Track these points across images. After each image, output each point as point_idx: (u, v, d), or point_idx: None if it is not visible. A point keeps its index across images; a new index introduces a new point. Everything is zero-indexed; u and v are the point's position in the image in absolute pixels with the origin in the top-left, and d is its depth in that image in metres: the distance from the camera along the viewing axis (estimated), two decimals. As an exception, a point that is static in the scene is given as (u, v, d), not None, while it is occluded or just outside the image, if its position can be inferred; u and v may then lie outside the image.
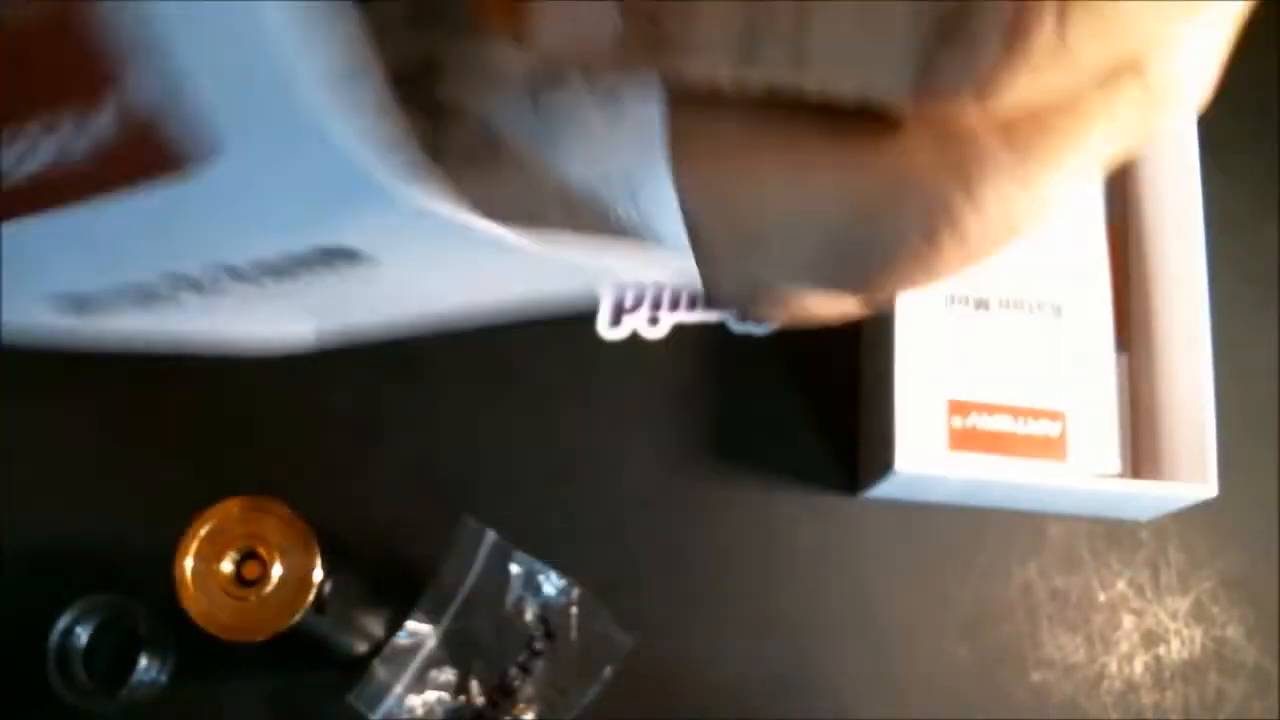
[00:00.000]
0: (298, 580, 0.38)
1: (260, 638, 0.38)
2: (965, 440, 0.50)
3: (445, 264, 0.16)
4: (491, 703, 0.47)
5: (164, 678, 0.48)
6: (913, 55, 0.13)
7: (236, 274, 0.16)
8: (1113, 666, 0.50)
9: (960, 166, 0.15)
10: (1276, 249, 0.56)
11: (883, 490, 0.50)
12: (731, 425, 0.52)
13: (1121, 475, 0.50)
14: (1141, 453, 0.51)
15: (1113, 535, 0.52)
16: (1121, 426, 0.51)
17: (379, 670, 0.46)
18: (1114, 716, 0.49)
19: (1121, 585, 0.51)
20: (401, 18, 0.15)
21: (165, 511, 0.40)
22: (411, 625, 0.47)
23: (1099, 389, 0.51)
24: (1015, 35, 0.13)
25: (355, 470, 0.51)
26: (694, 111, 0.15)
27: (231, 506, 0.39)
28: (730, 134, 0.15)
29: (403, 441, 0.52)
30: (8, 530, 0.50)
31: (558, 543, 0.49)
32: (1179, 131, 0.50)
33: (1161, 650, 0.50)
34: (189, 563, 0.38)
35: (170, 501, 0.40)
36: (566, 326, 0.54)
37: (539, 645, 0.48)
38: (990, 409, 0.50)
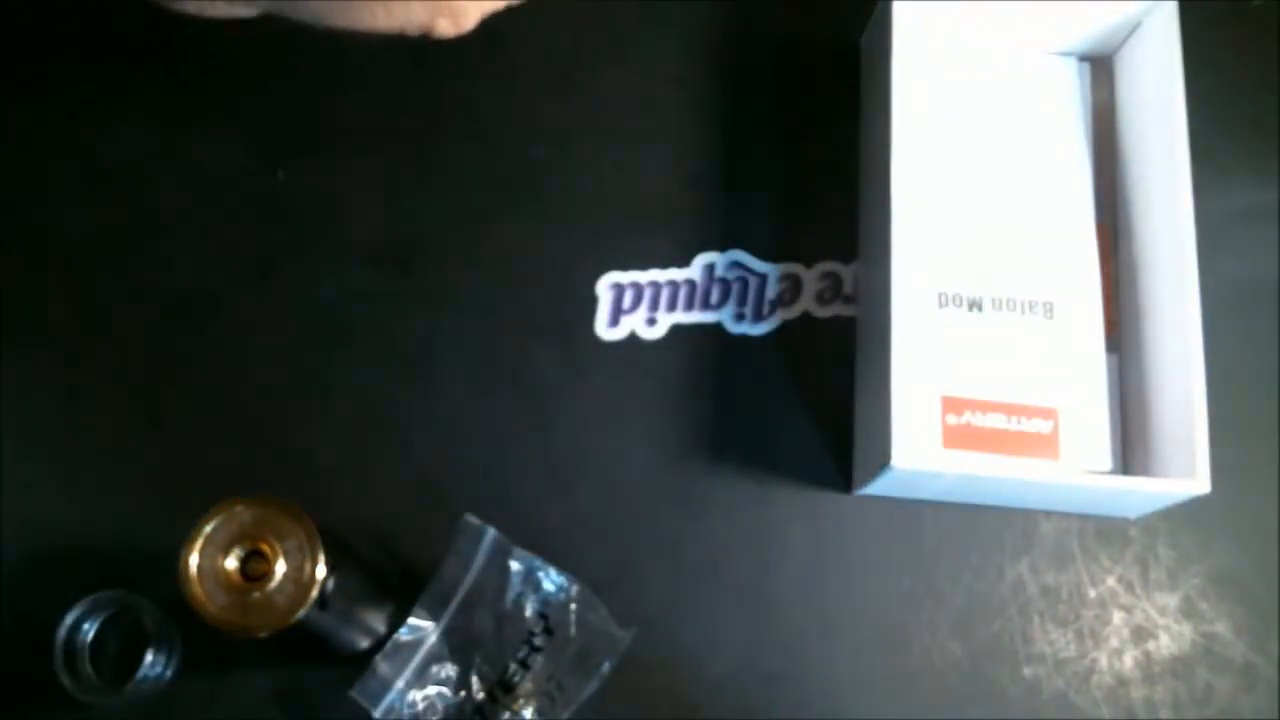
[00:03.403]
0: (301, 577, 0.39)
1: (264, 634, 0.39)
2: (960, 437, 0.50)
3: None
4: (491, 698, 0.48)
5: (169, 673, 0.48)
6: None
7: None
8: (1103, 661, 0.51)
9: None
10: (1264, 248, 0.56)
11: (877, 488, 0.50)
12: (727, 424, 0.53)
13: (1113, 472, 0.51)
14: (1132, 450, 0.51)
15: (1103, 532, 0.52)
16: (1113, 424, 0.52)
17: (381, 666, 0.47)
18: (1104, 710, 0.50)
19: (1111, 581, 0.52)
20: None
21: (171, 509, 0.40)
22: (413, 621, 0.48)
23: (1091, 387, 0.52)
24: None
25: (357, 469, 0.52)
26: None
27: (236, 504, 0.39)
28: None
29: (403, 441, 0.52)
30: (15, 527, 0.50)
31: (557, 540, 0.50)
32: (1169, 129, 0.51)
33: (1151, 646, 0.51)
34: (194, 560, 0.39)
35: (175, 500, 0.41)
36: (565, 327, 0.55)
37: (538, 641, 0.48)
38: (984, 407, 0.51)
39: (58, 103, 0.57)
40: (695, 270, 0.55)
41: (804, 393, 0.54)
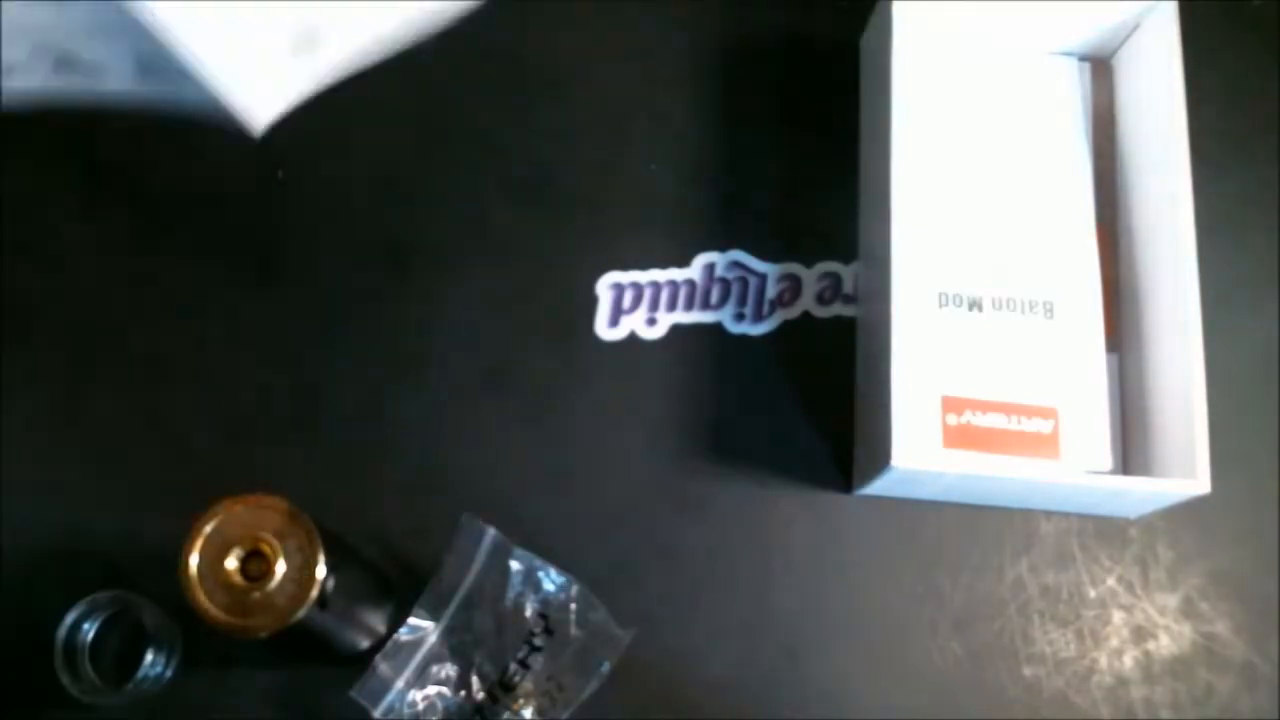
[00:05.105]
0: (301, 577, 0.39)
1: (264, 634, 0.39)
2: (960, 437, 0.51)
3: None
4: (491, 698, 0.48)
5: (169, 673, 0.48)
6: None
7: None
8: (1103, 661, 0.51)
9: None
10: (1264, 249, 0.57)
11: (877, 488, 0.50)
12: (727, 424, 0.53)
13: (1113, 472, 0.51)
14: (1132, 450, 0.51)
15: (1103, 532, 0.52)
16: (1113, 424, 0.52)
17: (381, 666, 0.47)
18: (1104, 711, 0.50)
19: (1111, 582, 0.52)
20: None
21: (170, 509, 0.40)
22: (413, 621, 0.48)
23: (1091, 387, 0.52)
24: None
25: (357, 469, 0.52)
26: None
27: (235, 504, 0.39)
28: None
29: (403, 441, 0.52)
30: (14, 527, 0.50)
31: (557, 540, 0.50)
32: (1169, 129, 0.51)
33: (1151, 645, 0.51)
34: (194, 560, 0.39)
35: (175, 499, 0.41)
36: (565, 327, 0.55)
37: (538, 641, 0.48)
38: (984, 406, 0.51)
39: (57, 103, 0.57)
40: (695, 270, 0.55)
41: (804, 393, 0.54)
